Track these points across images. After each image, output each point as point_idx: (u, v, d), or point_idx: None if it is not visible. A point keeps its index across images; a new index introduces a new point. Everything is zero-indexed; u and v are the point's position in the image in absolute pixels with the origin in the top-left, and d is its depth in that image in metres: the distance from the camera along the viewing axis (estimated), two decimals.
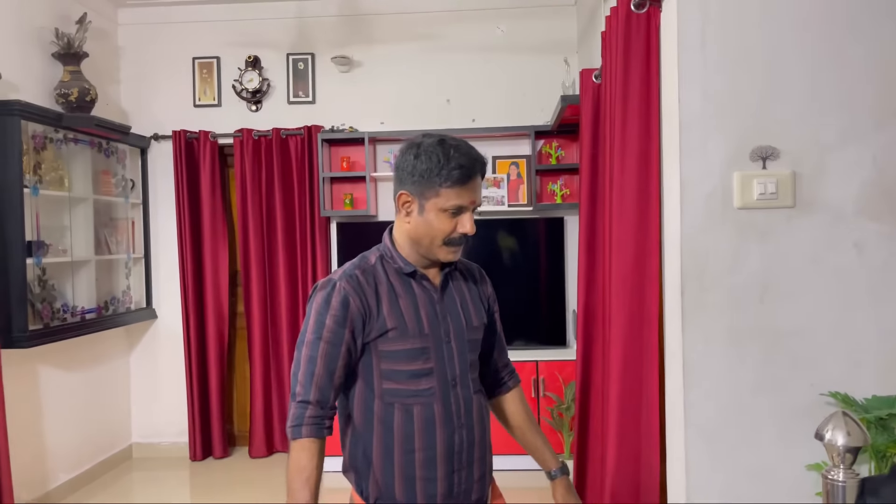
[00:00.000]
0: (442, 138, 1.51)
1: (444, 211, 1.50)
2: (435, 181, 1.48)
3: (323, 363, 1.50)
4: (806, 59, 1.99)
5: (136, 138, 4.62)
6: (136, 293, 4.66)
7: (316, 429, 1.50)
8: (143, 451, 4.78)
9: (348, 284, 1.52)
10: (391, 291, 1.55)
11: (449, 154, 1.48)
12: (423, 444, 1.53)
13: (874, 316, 1.99)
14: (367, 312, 1.52)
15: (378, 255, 1.61)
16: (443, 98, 4.69)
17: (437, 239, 1.53)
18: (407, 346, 1.53)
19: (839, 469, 1.20)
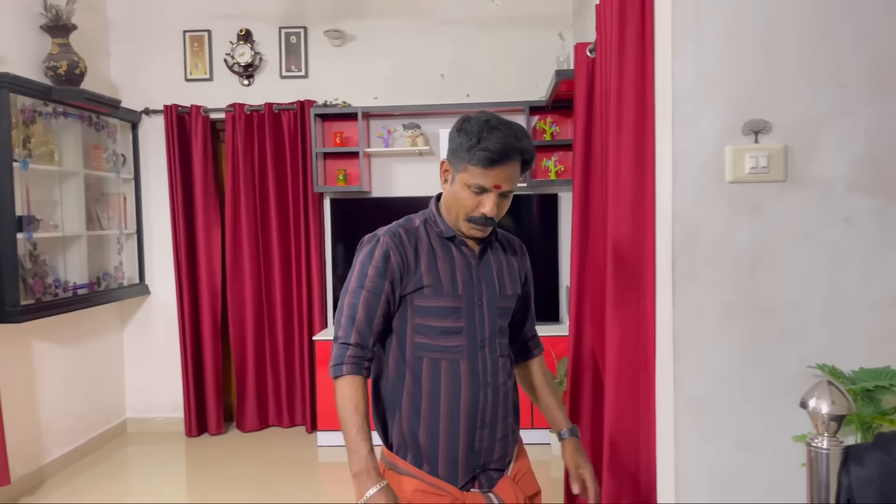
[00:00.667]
0: (490, 118, 1.56)
1: (467, 186, 1.57)
2: (465, 156, 1.55)
3: (363, 310, 1.60)
4: (799, 32, 1.98)
5: (126, 112, 4.57)
6: (128, 269, 4.65)
7: (356, 367, 1.59)
8: (137, 426, 4.81)
9: (391, 240, 1.62)
10: (430, 252, 1.65)
11: (483, 135, 1.53)
12: (449, 397, 1.61)
13: (863, 290, 2.00)
14: (405, 267, 1.61)
15: (423, 219, 1.70)
16: (437, 73, 4.66)
17: (460, 212, 1.61)
18: (440, 303, 1.62)
19: (823, 437, 1.22)
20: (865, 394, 1.87)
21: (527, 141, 1.59)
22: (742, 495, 2.06)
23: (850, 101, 1.98)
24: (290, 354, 4.69)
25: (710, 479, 2.06)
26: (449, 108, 4.51)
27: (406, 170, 4.72)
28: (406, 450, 1.64)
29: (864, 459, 1.20)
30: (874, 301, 2.00)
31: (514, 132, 1.57)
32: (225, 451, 4.40)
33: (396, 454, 1.65)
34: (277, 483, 3.85)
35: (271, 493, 3.70)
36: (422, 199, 4.61)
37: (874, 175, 1.99)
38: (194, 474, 4.14)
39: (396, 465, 1.65)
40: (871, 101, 1.98)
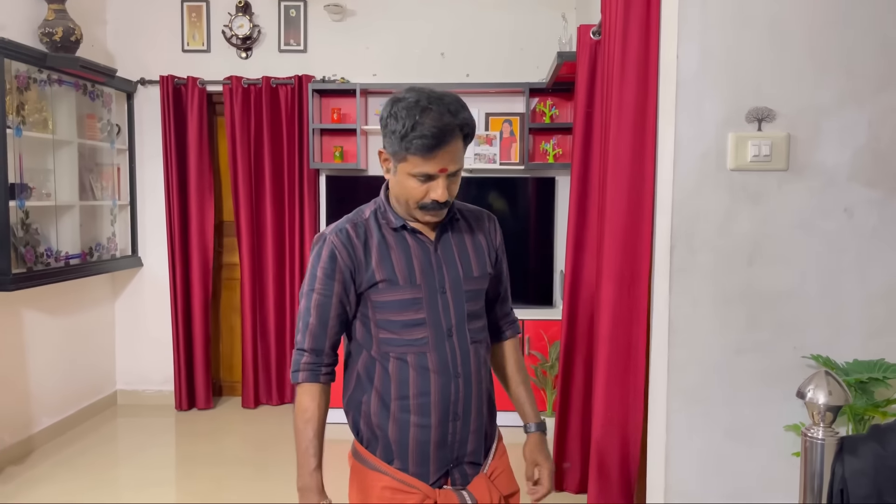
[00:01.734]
0: (418, 97, 1.42)
1: (412, 176, 1.45)
2: (401, 145, 1.42)
3: (316, 314, 1.53)
4: (807, 20, 1.96)
5: (121, 82, 4.51)
6: (121, 240, 4.62)
7: (312, 374, 1.54)
8: (127, 397, 4.80)
9: (337, 239, 1.53)
10: (382, 244, 1.55)
11: (416, 119, 1.39)
12: (417, 390, 1.53)
13: (861, 281, 2.00)
14: (354, 266, 1.53)
15: (373, 209, 1.59)
16: (437, 51, 4.61)
17: (410, 201, 1.50)
18: (397, 296, 1.53)
19: (819, 427, 1.22)
20: (859, 385, 1.88)
21: (464, 113, 1.44)
22: (732, 482, 2.07)
23: (856, 90, 1.96)
24: (282, 331, 4.68)
25: (701, 465, 2.07)
26: (449, 87, 4.45)
27: None
28: (376, 444, 1.57)
29: (859, 451, 1.20)
30: (871, 294, 2.00)
31: (448, 107, 1.42)
32: (215, 426, 4.39)
33: (367, 448, 1.59)
34: (266, 459, 3.86)
35: (260, 469, 3.70)
36: None
37: (876, 166, 1.98)
38: (184, 448, 4.14)
39: (365, 460, 1.59)
40: (878, 91, 1.96)
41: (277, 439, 4.15)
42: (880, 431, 1.21)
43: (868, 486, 1.18)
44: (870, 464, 1.18)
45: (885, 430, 1.21)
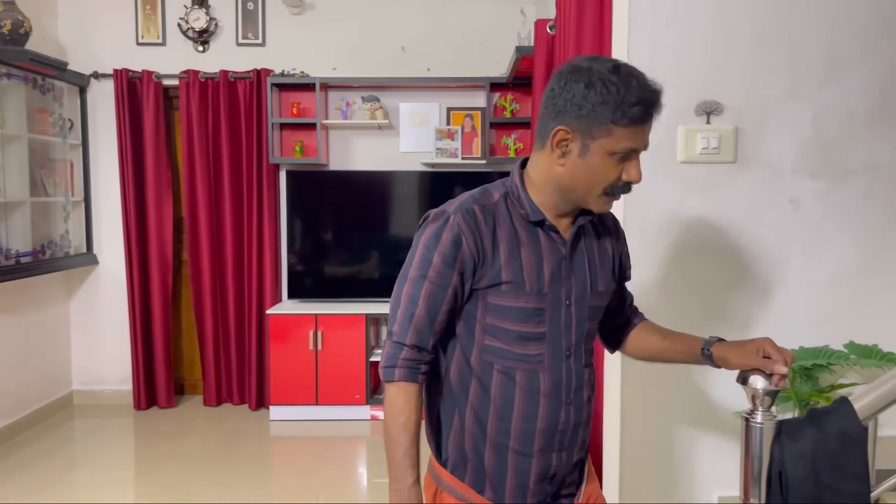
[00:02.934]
0: (616, 63, 1.22)
1: (612, 154, 1.23)
2: (609, 117, 1.19)
3: (425, 305, 1.30)
4: (753, 15, 2.00)
5: (74, 76, 4.41)
6: (75, 238, 4.52)
7: (410, 372, 1.31)
8: (84, 398, 4.71)
9: (463, 220, 1.28)
10: (513, 237, 1.31)
11: (630, 84, 1.19)
12: (523, 414, 1.32)
13: (806, 271, 2.05)
14: (480, 256, 1.29)
15: (503, 192, 1.34)
16: (398, 45, 4.59)
17: (596, 187, 1.26)
18: (520, 303, 1.30)
19: (758, 412, 1.25)
20: (804, 372, 1.93)
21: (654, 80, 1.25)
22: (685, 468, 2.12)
23: (801, 84, 2.01)
24: (241, 329, 4.63)
25: (655, 451, 2.11)
26: (409, 81, 4.45)
27: (365, 143, 4.66)
28: (464, 469, 1.35)
29: (797, 434, 1.24)
30: (815, 282, 2.05)
31: (643, 74, 1.24)
32: (175, 426, 4.34)
33: (452, 473, 1.37)
34: (227, 458, 3.82)
35: (221, 469, 3.67)
36: (381, 173, 4.58)
37: (820, 158, 2.03)
38: (143, 449, 4.08)
39: (453, 489, 1.37)
40: (821, 85, 2.02)
41: (239, 438, 4.11)
42: (817, 415, 1.25)
43: (806, 468, 1.21)
44: (807, 447, 1.22)
45: (821, 413, 1.25)
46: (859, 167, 2.03)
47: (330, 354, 4.28)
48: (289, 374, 4.29)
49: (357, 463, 3.92)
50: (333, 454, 3.93)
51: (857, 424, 1.22)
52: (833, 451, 1.20)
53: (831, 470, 1.20)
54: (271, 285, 4.59)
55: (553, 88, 1.26)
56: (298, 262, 4.60)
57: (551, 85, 1.27)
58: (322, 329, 4.28)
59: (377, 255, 4.63)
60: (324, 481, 3.54)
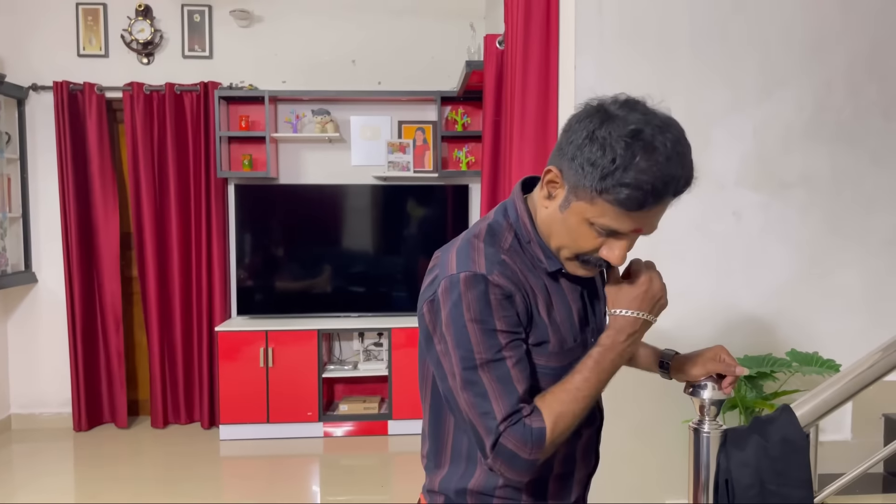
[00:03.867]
0: (644, 125, 0.99)
1: (589, 223, 1.05)
2: (596, 185, 1.00)
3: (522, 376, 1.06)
4: (692, 33, 2.06)
5: (11, 88, 4.26)
6: (12, 255, 4.35)
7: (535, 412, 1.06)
8: (22, 422, 4.51)
9: (503, 277, 1.07)
10: (543, 288, 1.13)
11: (634, 159, 0.98)
12: (562, 469, 1.20)
13: (749, 280, 2.11)
14: (529, 311, 1.09)
15: (513, 235, 1.14)
16: (348, 58, 4.58)
17: (567, 249, 1.10)
18: (561, 363, 1.13)
19: (705, 421, 1.28)
20: (748, 380, 1.98)
21: (690, 159, 1.04)
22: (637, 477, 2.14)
23: (740, 100, 2.08)
24: (189, 347, 4.52)
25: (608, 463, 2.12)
26: (360, 94, 4.44)
27: (315, 157, 4.62)
28: None
29: (742, 442, 1.26)
30: (758, 292, 2.12)
31: (677, 148, 1.00)
32: (121, 448, 4.19)
33: None
34: (175, 480, 3.71)
35: (168, 491, 3.56)
36: (332, 187, 4.54)
37: (760, 172, 2.10)
38: (85, 472, 3.92)
39: None
40: (759, 101, 2.09)
41: (187, 459, 4.00)
42: (761, 423, 1.28)
43: (751, 476, 1.24)
44: (752, 454, 1.25)
45: (765, 421, 1.28)
46: (797, 180, 2.11)
47: (281, 371, 4.21)
48: (239, 393, 4.20)
49: (310, 481, 3.85)
50: (286, 473, 3.86)
51: (798, 431, 1.25)
52: (777, 457, 1.23)
53: (775, 476, 1.23)
54: (220, 301, 4.49)
55: (571, 119, 1.07)
56: (248, 277, 4.52)
57: (576, 113, 1.07)
58: (273, 346, 4.20)
59: (329, 269, 4.58)
60: (276, 500, 3.46)
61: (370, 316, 4.48)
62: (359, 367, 4.42)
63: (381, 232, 4.66)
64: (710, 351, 1.30)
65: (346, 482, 3.73)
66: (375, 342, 4.52)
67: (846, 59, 2.09)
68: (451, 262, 1.10)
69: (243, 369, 4.19)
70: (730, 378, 1.24)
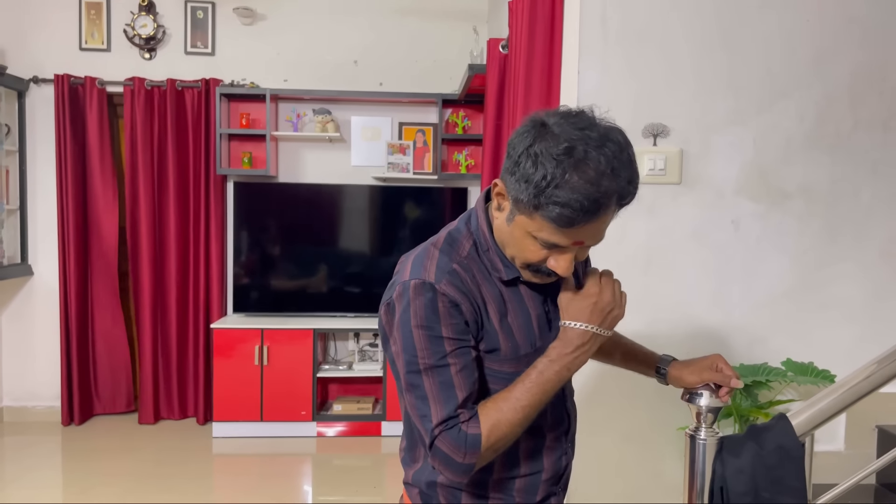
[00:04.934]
0: (573, 141, 0.99)
1: (532, 237, 1.07)
2: (531, 201, 1.02)
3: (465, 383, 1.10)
4: (696, 41, 2.07)
5: (12, 80, 4.25)
6: (9, 247, 4.34)
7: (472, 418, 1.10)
8: (14, 414, 4.49)
9: (451, 286, 1.10)
10: (498, 296, 1.15)
11: (563, 176, 0.98)
12: (529, 469, 1.22)
13: (746, 289, 2.12)
14: (478, 320, 1.13)
15: (472, 242, 1.17)
16: (350, 59, 4.58)
17: (517, 259, 1.13)
18: (521, 367, 1.15)
19: (702, 428, 1.28)
20: (744, 389, 1.98)
21: (628, 171, 1.02)
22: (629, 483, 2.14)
23: (742, 109, 2.09)
24: (184, 343, 4.51)
25: (600, 467, 2.13)
26: (361, 94, 4.44)
27: (315, 156, 4.62)
28: None
29: (737, 450, 1.27)
30: (755, 301, 2.12)
31: (612, 162, 1.00)
32: (112, 443, 4.17)
33: None
34: (167, 476, 3.70)
35: (160, 488, 3.55)
36: (331, 186, 4.54)
37: (760, 181, 2.11)
38: (76, 467, 3.91)
39: None
40: (761, 111, 2.09)
41: (180, 455, 3.99)
42: (757, 431, 1.29)
43: (746, 483, 1.24)
44: (748, 462, 1.25)
45: (761, 429, 1.28)
46: (796, 190, 2.11)
47: (276, 370, 4.20)
48: (233, 390, 4.20)
49: (302, 480, 3.84)
50: (279, 472, 3.85)
51: (794, 440, 1.26)
52: (772, 465, 1.23)
53: (770, 484, 1.23)
54: (218, 298, 4.49)
55: (513, 134, 1.08)
56: (245, 274, 4.51)
57: (519, 127, 1.08)
58: (268, 344, 4.20)
59: (326, 269, 4.58)
60: (268, 499, 3.46)
61: (366, 316, 4.47)
62: (353, 368, 4.42)
63: (378, 233, 4.66)
64: (707, 359, 1.32)
65: (339, 482, 3.73)
66: (371, 343, 4.51)
67: (848, 70, 2.10)
68: (407, 269, 1.14)
69: (238, 367, 4.18)
70: (725, 389, 1.26)
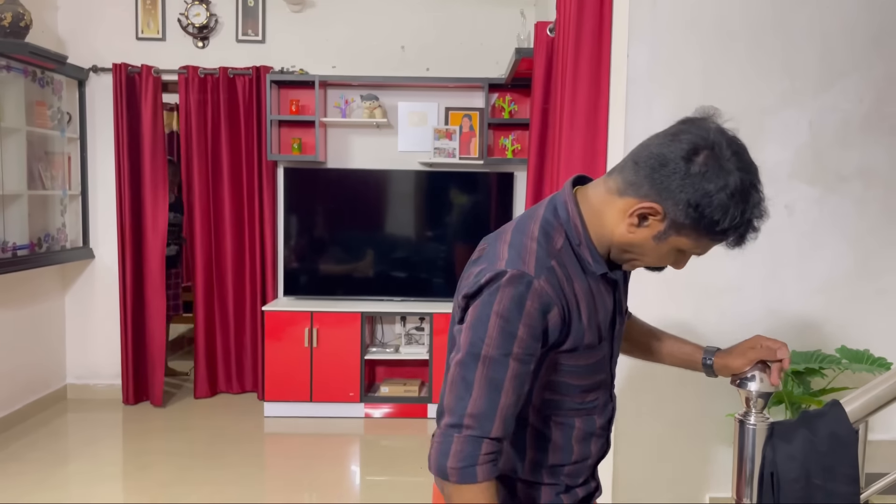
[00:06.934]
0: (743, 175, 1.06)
1: (679, 251, 1.14)
2: (707, 232, 1.07)
3: (513, 389, 1.09)
4: (750, 23, 2.02)
5: (73, 69, 4.41)
6: (71, 231, 4.52)
7: (493, 467, 1.10)
8: (77, 392, 4.70)
9: (549, 285, 1.09)
10: (588, 293, 1.16)
11: (744, 213, 1.06)
12: (580, 457, 1.25)
13: (799, 276, 2.08)
14: (567, 322, 1.13)
15: (564, 235, 1.15)
16: (397, 44, 4.61)
17: (640, 261, 1.18)
18: (591, 360, 1.19)
19: (751, 413, 1.27)
20: (796, 375, 1.95)
21: None
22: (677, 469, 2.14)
23: (797, 91, 2.04)
24: (241, 324, 4.65)
25: (647, 452, 2.13)
26: (408, 80, 4.47)
27: (363, 141, 4.67)
28: None
29: (789, 435, 1.26)
30: (809, 287, 2.08)
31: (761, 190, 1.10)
32: (167, 422, 4.33)
33: None
34: (220, 455, 3.82)
35: (213, 466, 3.67)
36: (378, 172, 4.59)
37: (815, 165, 2.06)
38: (135, 444, 4.07)
39: None
40: (817, 92, 2.04)
41: (232, 434, 4.12)
42: (809, 417, 1.27)
43: (797, 470, 1.23)
44: (799, 448, 1.24)
45: (813, 416, 1.27)
46: (853, 173, 2.06)
47: (325, 352, 4.29)
48: (284, 371, 4.30)
49: (350, 461, 3.93)
50: (327, 452, 3.95)
51: (847, 427, 1.24)
52: (824, 452, 1.22)
53: (822, 471, 1.22)
54: (272, 281, 4.61)
55: (668, 150, 1.09)
56: (295, 259, 4.61)
57: (680, 146, 1.08)
58: (317, 326, 4.29)
59: (373, 253, 4.64)
60: (317, 479, 3.55)
61: (412, 300, 4.52)
62: (400, 351, 4.48)
63: (424, 218, 4.70)
64: (748, 341, 1.33)
65: (386, 463, 3.80)
66: (417, 326, 4.56)
67: None
68: (502, 256, 1.12)
69: (288, 349, 4.28)
70: (777, 367, 1.26)
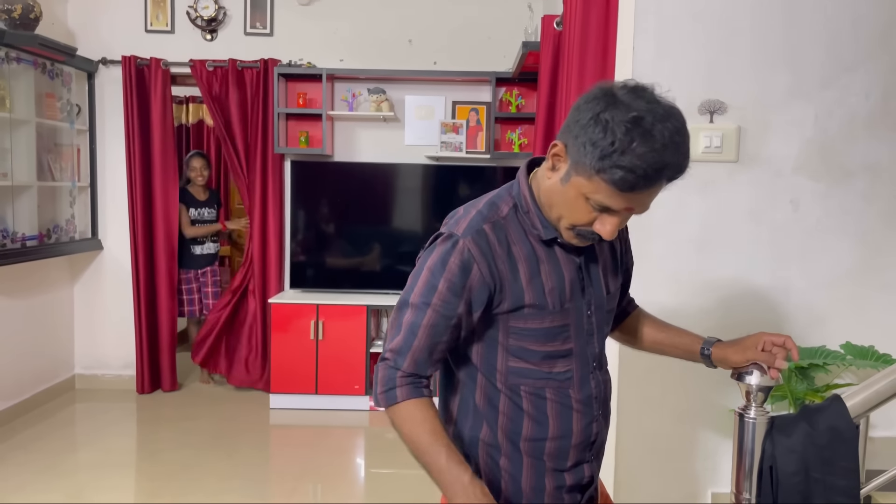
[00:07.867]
0: (645, 112, 1.05)
1: (585, 198, 1.13)
2: (594, 164, 1.08)
3: (426, 336, 1.21)
4: (756, 17, 2.01)
5: (82, 61, 4.43)
6: (80, 223, 4.54)
7: (413, 389, 1.22)
8: (85, 382, 4.74)
9: (474, 244, 1.19)
10: (531, 255, 1.22)
11: (630, 144, 1.04)
12: (558, 433, 1.27)
13: (804, 271, 2.07)
14: (495, 284, 1.20)
15: (511, 205, 1.24)
16: (405, 38, 4.60)
17: (564, 219, 1.19)
18: (545, 324, 1.24)
19: (751, 407, 1.27)
20: (800, 371, 1.95)
21: (686, 146, 1.10)
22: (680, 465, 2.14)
23: (803, 85, 2.03)
24: (244, 316, 4.67)
25: (649, 445, 2.13)
26: (415, 74, 4.47)
27: (369, 135, 4.68)
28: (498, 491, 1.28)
29: (788, 429, 1.26)
30: (813, 282, 2.07)
31: (674, 136, 1.06)
32: (176, 411, 4.36)
33: None
34: (226, 445, 3.85)
35: (220, 455, 3.70)
36: (385, 165, 4.59)
37: (821, 160, 2.05)
38: (143, 433, 4.11)
39: None
40: (823, 87, 2.03)
41: (238, 425, 4.14)
42: (810, 411, 1.27)
43: (796, 463, 1.24)
44: (798, 441, 1.24)
45: (813, 410, 1.27)
46: (859, 169, 2.05)
47: (330, 345, 4.31)
48: (289, 363, 4.32)
49: (355, 453, 3.95)
50: (332, 443, 3.97)
51: (847, 421, 1.24)
52: (823, 446, 1.22)
53: (821, 464, 1.22)
54: (276, 273, 4.63)
55: (581, 99, 1.14)
56: (301, 251, 4.62)
57: (586, 94, 1.15)
58: (323, 319, 4.30)
59: (379, 247, 4.65)
60: (322, 470, 3.57)
61: None
62: None
63: (431, 212, 4.70)
64: (750, 338, 1.34)
65: (390, 455, 3.81)
66: None
67: None
68: (445, 225, 1.27)
69: (294, 341, 4.30)
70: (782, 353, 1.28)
